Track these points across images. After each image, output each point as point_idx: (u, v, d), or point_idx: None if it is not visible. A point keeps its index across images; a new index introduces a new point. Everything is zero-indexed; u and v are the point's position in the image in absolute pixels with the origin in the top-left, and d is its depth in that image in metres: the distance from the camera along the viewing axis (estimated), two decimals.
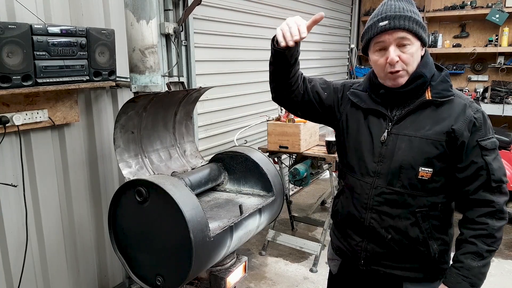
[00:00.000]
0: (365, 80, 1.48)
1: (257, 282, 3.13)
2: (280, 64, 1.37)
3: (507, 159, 4.10)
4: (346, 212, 1.49)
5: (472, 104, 1.33)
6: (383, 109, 1.39)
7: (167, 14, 2.84)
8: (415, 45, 1.30)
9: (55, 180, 2.33)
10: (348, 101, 1.49)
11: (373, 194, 1.38)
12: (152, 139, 2.37)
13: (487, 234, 1.29)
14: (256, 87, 4.09)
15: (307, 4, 4.81)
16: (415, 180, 1.32)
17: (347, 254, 1.52)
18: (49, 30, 1.98)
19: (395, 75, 1.31)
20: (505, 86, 5.60)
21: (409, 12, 1.28)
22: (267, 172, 2.31)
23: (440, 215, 1.38)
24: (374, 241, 1.41)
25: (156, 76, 2.27)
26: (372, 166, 1.39)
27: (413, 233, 1.35)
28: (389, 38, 1.28)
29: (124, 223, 1.94)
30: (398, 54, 1.29)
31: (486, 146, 1.30)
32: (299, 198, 4.88)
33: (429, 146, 1.31)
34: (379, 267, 1.43)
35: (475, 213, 1.32)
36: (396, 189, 1.34)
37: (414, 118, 1.34)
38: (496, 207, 1.30)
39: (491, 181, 1.29)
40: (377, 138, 1.38)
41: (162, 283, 1.84)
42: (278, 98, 1.53)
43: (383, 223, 1.37)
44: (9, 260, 2.15)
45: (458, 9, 5.65)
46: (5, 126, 2.00)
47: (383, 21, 1.28)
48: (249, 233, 2.14)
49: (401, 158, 1.33)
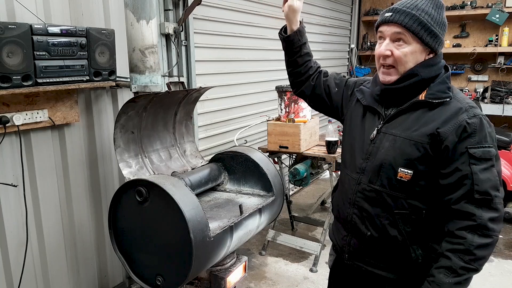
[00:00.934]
0: (373, 77, 1.49)
1: (257, 282, 3.13)
2: (286, 51, 1.59)
3: (507, 159, 4.10)
4: (336, 206, 1.54)
5: (470, 109, 1.24)
6: (378, 107, 1.40)
7: (167, 14, 2.84)
8: (411, 45, 1.26)
9: (55, 180, 2.33)
10: (355, 98, 1.51)
11: (356, 190, 1.40)
12: (152, 139, 2.37)
13: (464, 250, 1.20)
14: (256, 87, 4.09)
15: (307, 4, 4.81)
16: (394, 180, 1.30)
17: (338, 249, 1.57)
18: (49, 30, 1.98)
19: (386, 70, 1.32)
20: (505, 86, 5.59)
21: (420, 11, 1.24)
22: (267, 172, 2.31)
23: (426, 221, 1.31)
24: (356, 236, 1.43)
25: (156, 76, 2.27)
26: (359, 163, 1.40)
27: (392, 233, 1.34)
28: (388, 30, 1.29)
29: (124, 223, 1.94)
30: (390, 49, 1.28)
31: (475, 155, 1.20)
32: (299, 198, 4.88)
33: (411, 148, 1.27)
34: (361, 263, 1.45)
35: (454, 225, 1.23)
36: (375, 187, 1.35)
37: (404, 118, 1.33)
38: (477, 221, 1.19)
39: (474, 191, 1.19)
40: (368, 136, 1.40)
41: (162, 283, 1.84)
42: (293, 84, 1.67)
43: (363, 219, 1.39)
44: (9, 260, 2.15)
45: (458, 9, 5.64)
46: (5, 126, 2.00)
47: (389, 12, 1.28)
48: (249, 233, 2.14)
49: (382, 157, 1.33)
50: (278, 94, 3.36)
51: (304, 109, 3.29)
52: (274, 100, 4.03)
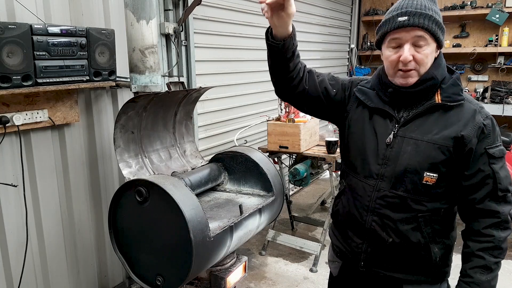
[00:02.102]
0: (374, 78, 1.44)
1: (257, 282, 3.13)
2: (277, 58, 1.31)
3: (507, 159, 4.11)
4: (346, 213, 1.46)
5: (482, 110, 1.29)
6: (390, 110, 1.35)
7: (167, 14, 2.84)
8: (431, 46, 1.26)
9: (55, 180, 2.33)
10: (355, 99, 1.45)
11: (375, 197, 1.35)
12: (152, 139, 2.37)
13: (493, 246, 1.27)
14: (256, 87, 4.10)
15: (307, 4, 4.81)
16: (419, 185, 1.29)
17: (347, 256, 1.50)
18: (49, 30, 1.98)
19: (405, 74, 1.27)
20: (505, 86, 5.59)
21: (430, 10, 1.24)
22: (267, 172, 2.31)
23: (442, 219, 1.35)
24: (375, 243, 1.39)
25: (156, 76, 2.27)
26: (375, 168, 1.35)
27: (415, 238, 1.33)
28: (406, 36, 1.24)
29: (124, 223, 1.94)
30: (412, 53, 1.24)
31: (494, 154, 1.26)
32: (299, 198, 4.88)
33: (436, 151, 1.27)
34: (379, 269, 1.41)
35: (480, 224, 1.29)
36: (399, 193, 1.31)
37: (422, 121, 1.30)
38: (501, 218, 1.27)
39: (498, 190, 1.26)
40: (382, 140, 1.34)
41: (162, 283, 1.84)
42: (281, 93, 1.45)
43: (384, 226, 1.35)
44: (9, 260, 2.15)
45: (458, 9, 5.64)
46: (5, 126, 2.00)
47: (403, 16, 1.23)
48: (249, 233, 2.14)
49: (406, 162, 1.29)
50: None
51: None
52: (274, 100, 4.03)
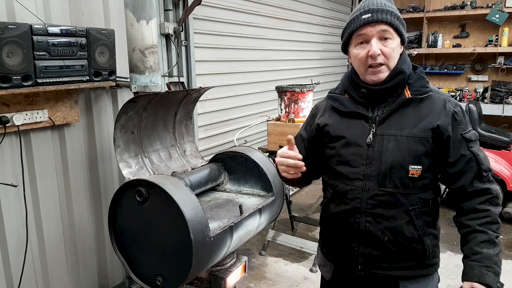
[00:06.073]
0: (344, 81, 1.47)
1: (257, 282, 3.14)
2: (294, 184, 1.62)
3: (507, 159, 4.10)
4: (338, 219, 1.45)
5: (450, 99, 1.37)
6: (364, 111, 1.39)
7: (167, 14, 2.84)
8: (395, 40, 1.33)
9: (55, 180, 2.33)
10: (326, 110, 1.49)
11: (366, 197, 1.36)
12: (152, 139, 2.37)
13: (491, 221, 1.31)
14: (256, 87, 4.10)
15: (307, 4, 4.82)
16: (406, 179, 1.33)
17: (341, 260, 1.49)
18: (49, 30, 1.98)
19: (376, 69, 1.33)
20: (505, 86, 5.60)
21: (390, 7, 1.33)
22: (267, 172, 2.31)
23: (431, 210, 1.39)
24: (371, 244, 1.39)
25: (156, 76, 2.27)
26: (361, 169, 1.37)
27: (409, 232, 1.35)
28: (372, 31, 1.31)
29: (124, 223, 1.94)
30: (380, 47, 1.31)
31: (470, 138, 1.33)
32: (299, 198, 4.88)
33: (417, 144, 1.32)
34: (377, 270, 1.41)
35: (475, 202, 1.33)
36: (389, 189, 1.34)
37: (397, 118, 1.35)
38: (493, 193, 1.33)
39: (482, 171, 1.33)
40: (362, 141, 1.37)
41: (162, 283, 1.84)
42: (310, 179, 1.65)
43: (378, 225, 1.36)
44: (9, 260, 2.15)
45: (458, 9, 5.65)
46: (5, 126, 2.00)
47: (366, 14, 1.31)
48: (249, 233, 2.14)
49: (391, 159, 1.33)
50: (278, 94, 3.36)
51: (304, 109, 3.29)
52: (274, 100, 4.03)
